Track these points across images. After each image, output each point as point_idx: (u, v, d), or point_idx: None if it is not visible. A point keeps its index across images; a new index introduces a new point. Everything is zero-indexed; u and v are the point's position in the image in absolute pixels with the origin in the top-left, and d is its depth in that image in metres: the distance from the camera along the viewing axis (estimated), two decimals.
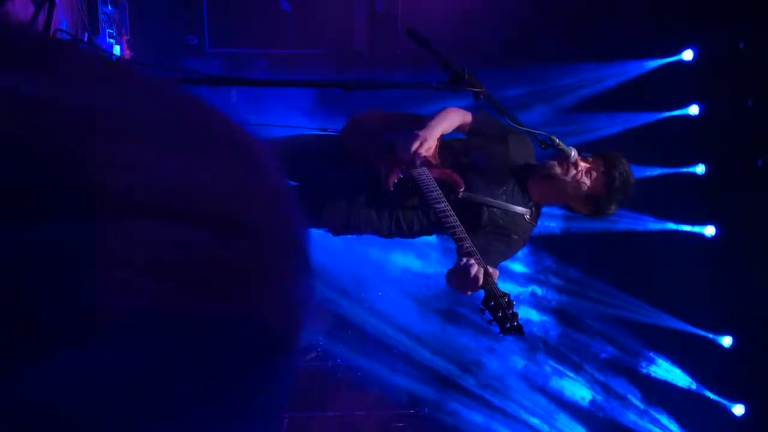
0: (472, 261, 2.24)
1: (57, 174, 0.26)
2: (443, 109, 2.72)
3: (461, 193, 2.59)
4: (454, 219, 2.39)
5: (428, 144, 2.53)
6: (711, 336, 4.95)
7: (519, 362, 4.97)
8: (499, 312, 2.23)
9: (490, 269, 2.27)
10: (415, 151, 2.51)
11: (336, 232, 2.74)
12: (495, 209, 2.62)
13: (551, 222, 4.67)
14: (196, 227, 0.29)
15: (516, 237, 2.64)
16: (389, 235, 2.72)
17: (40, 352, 0.25)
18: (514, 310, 2.24)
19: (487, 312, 2.25)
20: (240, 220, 0.31)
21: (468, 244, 2.32)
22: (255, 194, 0.34)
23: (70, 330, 0.25)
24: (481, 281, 2.23)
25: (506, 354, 4.93)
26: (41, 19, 2.68)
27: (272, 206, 0.35)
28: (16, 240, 0.25)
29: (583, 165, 2.60)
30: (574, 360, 5.08)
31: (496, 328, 2.25)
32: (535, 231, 2.80)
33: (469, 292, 2.28)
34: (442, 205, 2.43)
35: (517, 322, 2.24)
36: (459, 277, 2.25)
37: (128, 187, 0.28)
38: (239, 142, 0.35)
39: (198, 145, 0.32)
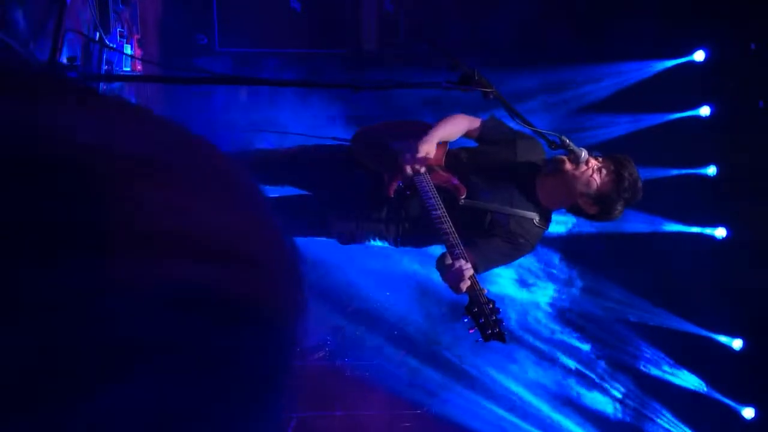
0: (467, 265, 2.27)
1: (84, 213, 0.27)
2: (448, 115, 2.73)
3: (462, 200, 2.59)
4: (448, 226, 2.41)
5: (425, 148, 2.54)
6: (721, 339, 4.92)
7: (528, 363, 4.96)
8: (481, 318, 2.23)
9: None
10: (416, 158, 2.52)
11: (344, 242, 2.76)
12: (499, 214, 2.62)
13: (561, 223, 4.65)
14: (213, 263, 0.30)
15: (523, 241, 2.63)
16: (396, 244, 2.74)
17: (80, 395, 0.25)
18: (498, 317, 2.24)
19: (469, 319, 2.25)
20: (253, 256, 0.32)
21: (459, 251, 2.34)
22: (264, 232, 0.35)
23: (105, 369, 0.26)
24: (468, 285, 2.25)
25: (514, 355, 4.91)
26: (52, 19, 2.69)
27: (279, 243, 0.36)
28: (45, 278, 0.25)
29: (593, 163, 2.58)
30: (582, 361, 5.06)
31: (478, 336, 2.25)
32: (545, 234, 2.78)
33: (458, 293, 2.30)
34: (439, 212, 2.44)
35: (500, 329, 2.24)
36: (450, 277, 2.30)
37: (156, 229, 0.29)
38: (242, 182, 0.36)
39: (211, 187, 0.34)
